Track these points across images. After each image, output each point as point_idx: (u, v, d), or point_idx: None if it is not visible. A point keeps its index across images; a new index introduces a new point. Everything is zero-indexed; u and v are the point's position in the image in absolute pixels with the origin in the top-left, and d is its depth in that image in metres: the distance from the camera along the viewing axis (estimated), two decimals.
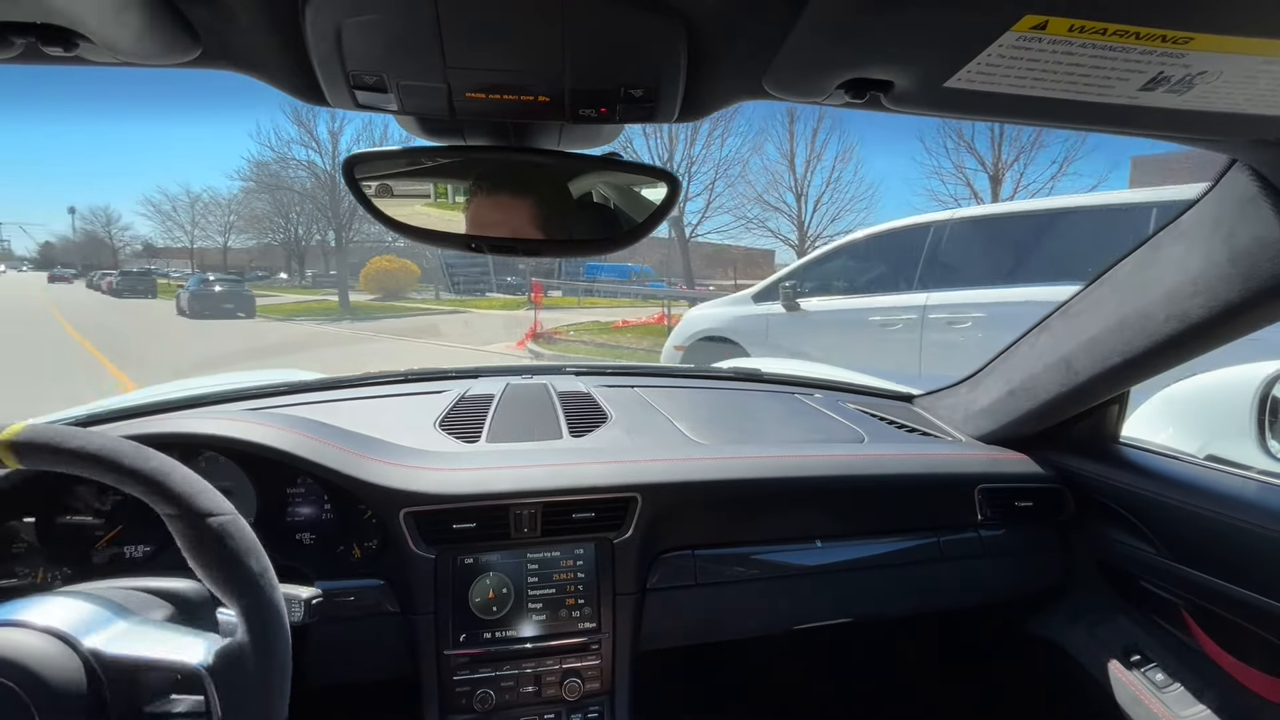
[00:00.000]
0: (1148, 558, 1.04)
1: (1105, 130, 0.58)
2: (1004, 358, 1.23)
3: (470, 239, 0.68)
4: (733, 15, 0.47)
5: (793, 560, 1.08)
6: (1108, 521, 1.11)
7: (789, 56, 0.49)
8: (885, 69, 0.49)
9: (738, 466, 1.05)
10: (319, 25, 0.45)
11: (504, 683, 0.94)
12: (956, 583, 1.16)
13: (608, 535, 0.98)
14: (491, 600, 0.93)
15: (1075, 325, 1.03)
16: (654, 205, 0.70)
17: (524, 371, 1.51)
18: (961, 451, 1.22)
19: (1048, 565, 1.20)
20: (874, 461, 1.12)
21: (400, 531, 0.91)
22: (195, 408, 1.17)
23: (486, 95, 0.54)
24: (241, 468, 0.94)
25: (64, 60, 0.46)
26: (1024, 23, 0.40)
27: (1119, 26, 0.40)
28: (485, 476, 0.96)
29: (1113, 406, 1.15)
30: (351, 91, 0.52)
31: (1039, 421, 1.17)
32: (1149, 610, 1.10)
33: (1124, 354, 0.95)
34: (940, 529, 1.13)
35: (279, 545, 0.93)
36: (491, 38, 0.48)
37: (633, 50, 0.50)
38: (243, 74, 0.53)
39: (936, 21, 0.42)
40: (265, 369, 1.70)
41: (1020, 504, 1.15)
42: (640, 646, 1.01)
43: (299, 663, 0.57)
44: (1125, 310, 0.93)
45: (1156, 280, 0.88)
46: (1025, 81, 0.47)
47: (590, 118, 0.56)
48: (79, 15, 0.40)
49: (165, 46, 0.47)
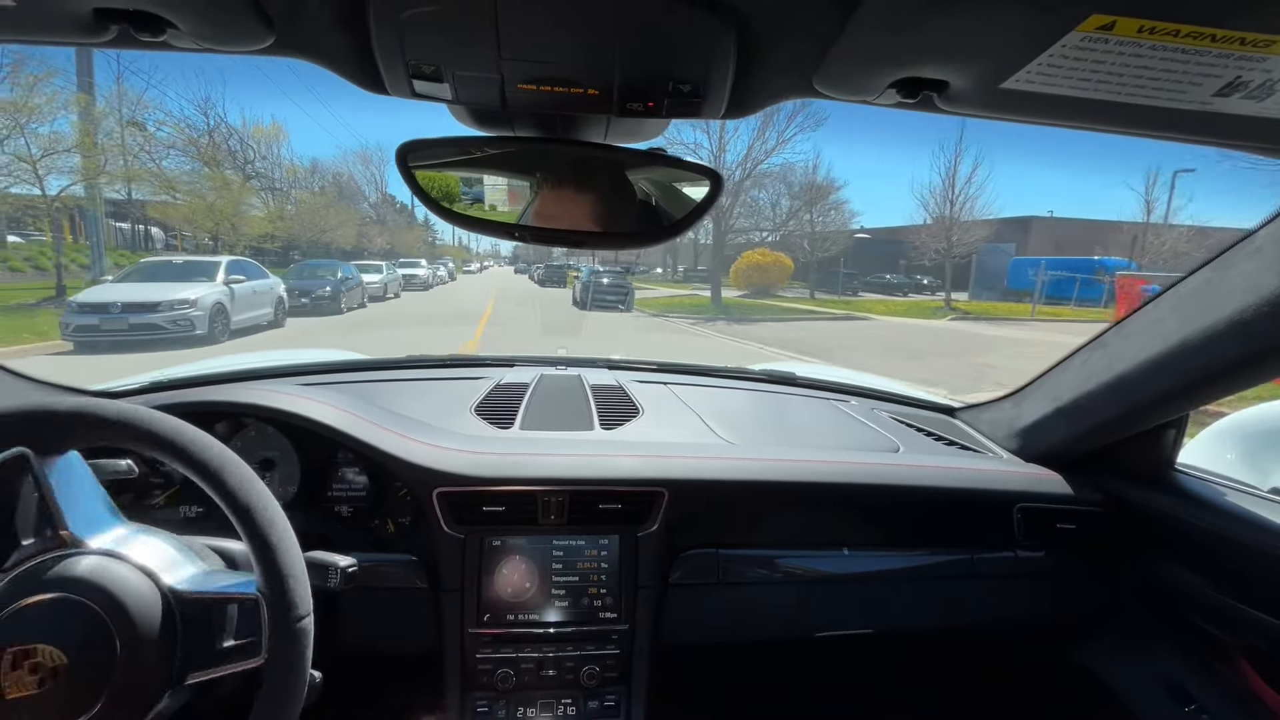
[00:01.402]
0: (1201, 592, 0.98)
1: (1174, 138, 0.56)
2: (1052, 374, 1.18)
3: (514, 228, 0.70)
4: (785, 11, 0.47)
5: (818, 566, 1.07)
6: (1159, 551, 1.06)
7: (841, 54, 0.49)
8: (940, 68, 0.48)
9: (765, 468, 1.04)
10: (382, 15, 0.48)
11: (524, 664, 0.96)
12: (989, 602, 1.12)
13: (633, 528, 0.99)
14: (516, 583, 0.96)
15: (1132, 343, 0.98)
16: (694, 202, 0.71)
17: (558, 363, 1.53)
18: (1001, 467, 1.18)
19: (1089, 592, 1.15)
20: (907, 472, 1.10)
21: (433, 510, 0.94)
22: (249, 380, 1.24)
23: (538, 87, 0.55)
24: (288, 438, 0.99)
25: (151, 46, 0.49)
26: (1090, 22, 0.39)
27: (1193, 28, 0.38)
28: (516, 462, 0.98)
29: (1169, 430, 1.09)
30: (410, 81, 0.55)
31: (1087, 442, 1.12)
32: (1199, 648, 1.04)
33: (1185, 376, 0.90)
34: (974, 545, 1.10)
35: (318, 516, 0.98)
36: (545, 30, 0.49)
37: (683, 45, 0.51)
38: (310, 62, 0.56)
39: (997, 20, 0.41)
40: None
41: (1062, 526, 1.10)
42: (660, 640, 1.01)
43: (331, 627, 0.60)
44: (1188, 329, 0.88)
45: (1226, 298, 0.83)
46: (1089, 84, 0.46)
47: (637, 111, 0.57)
48: (171, 2, 0.43)
49: (243, 34, 0.50)
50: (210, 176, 18.19)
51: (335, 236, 24.06)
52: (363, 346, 2.00)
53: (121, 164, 15.33)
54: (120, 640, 0.54)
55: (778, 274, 22.60)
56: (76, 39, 0.48)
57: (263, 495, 0.62)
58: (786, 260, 22.76)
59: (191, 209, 16.65)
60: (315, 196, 24.85)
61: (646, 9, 0.47)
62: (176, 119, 20.01)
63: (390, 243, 31.04)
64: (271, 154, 22.72)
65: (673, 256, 35.02)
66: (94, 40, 0.48)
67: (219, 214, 16.87)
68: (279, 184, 23.28)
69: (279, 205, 22.52)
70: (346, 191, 30.98)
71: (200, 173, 18.23)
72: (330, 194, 25.69)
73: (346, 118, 32.27)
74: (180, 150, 18.28)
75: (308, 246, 22.50)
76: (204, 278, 8.78)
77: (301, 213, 22.98)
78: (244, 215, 18.43)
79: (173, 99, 22.01)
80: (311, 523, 0.95)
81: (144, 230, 20.17)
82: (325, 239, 23.40)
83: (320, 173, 26.08)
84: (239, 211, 18.09)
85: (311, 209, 23.47)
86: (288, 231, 21.78)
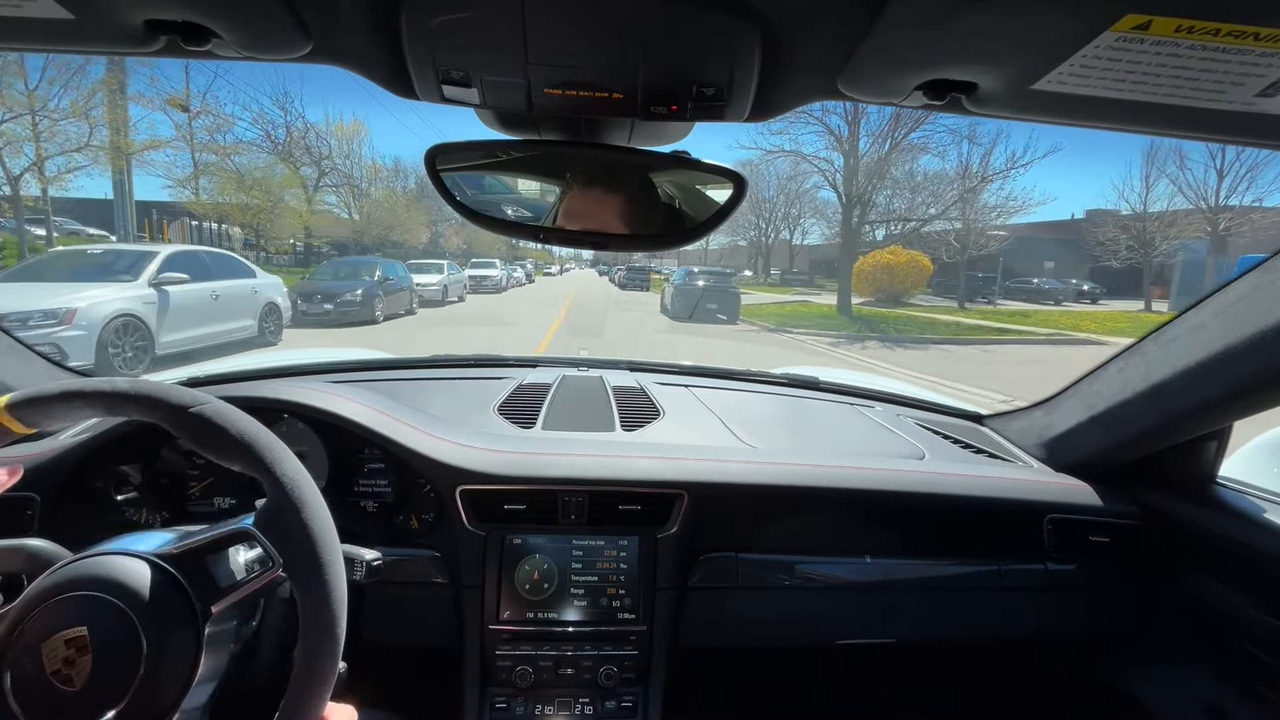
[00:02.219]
0: (1243, 611, 0.95)
1: (1215, 139, 0.54)
2: (1086, 382, 1.15)
3: (539, 229, 0.71)
4: (810, 14, 0.47)
5: (839, 573, 1.05)
6: (1198, 567, 1.02)
7: (867, 56, 0.49)
8: (969, 70, 0.47)
9: (786, 472, 1.03)
10: (414, 22, 0.49)
11: (542, 663, 0.96)
12: (1017, 614, 1.10)
13: (652, 529, 0.99)
14: (536, 581, 0.96)
15: (1172, 351, 0.95)
16: (717, 204, 0.71)
17: (580, 364, 1.54)
18: (1031, 477, 1.15)
19: (1122, 608, 1.11)
20: (933, 479, 1.07)
21: (455, 507, 0.96)
22: (281, 377, 1.28)
23: (563, 91, 0.56)
24: (317, 434, 1.01)
25: (197, 55, 0.52)
26: (1125, 22, 0.38)
27: (1235, 26, 0.37)
28: (538, 461, 0.99)
29: (1210, 442, 1.05)
30: (439, 86, 0.56)
31: (1122, 452, 1.09)
32: (1239, 669, 1.00)
33: (1229, 385, 0.86)
34: (1002, 556, 1.07)
35: (344, 510, 1.00)
36: (571, 35, 0.50)
37: (707, 49, 0.51)
38: (345, 69, 0.58)
39: (1029, 21, 0.40)
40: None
41: (1095, 538, 1.07)
42: (678, 643, 1.01)
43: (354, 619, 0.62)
44: (1232, 337, 0.85)
45: (1275, 305, 0.80)
46: (1124, 85, 0.45)
47: (661, 115, 0.57)
48: (216, 14, 0.45)
49: (282, 43, 0.52)
50: (287, 175, 18.36)
51: (406, 236, 23.89)
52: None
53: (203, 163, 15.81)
54: (138, 620, 0.54)
55: (912, 278, 18.10)
56: (127, 49, 0.51)
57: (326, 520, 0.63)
58: (924, 260, 18.06)
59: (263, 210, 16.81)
60: (393, 195, 24.54)
61: (672, 14, 0.47)
62: (255, 116, 20.66)
63: (467, 243, 30.45)
64: (354, 153, 22.66)
65: (763, 257, 32.52)
66: (143, 50, 0.51)
67: (291, 214, 16.96)
68: (359, 182, 23.29)
69: (358, 203, 22.57)
70: (428, 190, 30.87)
71: (273, 171, 18.35)
72: (411, 194, 25.10)
73: (431, 119, 32.25)
74: (261, 147, 18.60)
75: (376, 245, 22.46)
76: (124, 275, 6.04)
77: (377, 212, 22.90)
78: (321, 214, 18.50)
79: (250, 96, 22.51)
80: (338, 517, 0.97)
81: (217, 228, 20.00)
82: (394, 237, 23.25)
83: (403, 172, 25.65)
84: (313, 210, 18.18)
85: (390, 208, 23.16)
86: (359, 230, 21.89)
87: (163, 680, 0.54)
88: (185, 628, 0.56)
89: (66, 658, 0.53)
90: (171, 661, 0.54)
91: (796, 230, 30.77)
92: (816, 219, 26.33)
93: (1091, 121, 0.54)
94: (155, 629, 0.54)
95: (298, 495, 0.60)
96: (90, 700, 0.52)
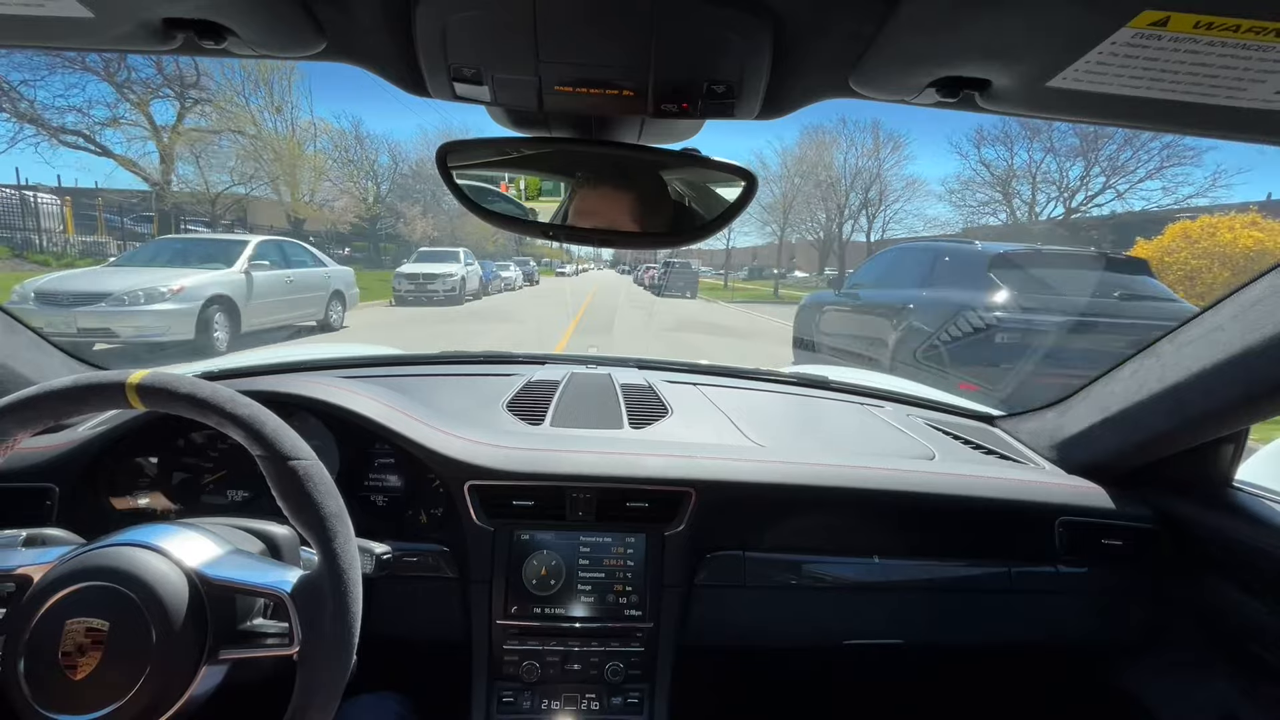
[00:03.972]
0: (1261, 618, 0.93)
1: (1235, 137, 0.53)
2: (1100, 383, 1.13)
3: (549, 227, 0.71)
4: (823, 11, 0.47)
5: (847, 573, 1.05)
6: (1214, 572, 1.00)
7: (879, 53, 0.48)
8: (983, 67, 0.47)
9: (794, 472, 1.03)
10: (427, 20, 0.49)
11: (549, 658, 0.97)
12: (1027, 617, 1.09)
13: (660, 527, 0.99)
14: (544, 577, 0.97)
15: (1188, 353, 0.94)
16: (727, 202, 0.71)
17: (588, 361, 1.55)
18: (1043, 479, 1.14)
19: (1135, 612, 1.10)
20: (943, 480, 1.07)
21: (464, 502, 0.97)
22: (294, 372, 1.29)
23: (574, 88, 0.56)
24: (329, 429, 1.02)
25: (212, 52, 0.52)
26: (1142, 18, 0.37)
27: (1256, 23, 0.36)
28: (546, 458, 0.99)
29: (1226, 445, 1.03)
30: (451, 83, 0.56)
31: (1136, 455, 1.07)
32: (1256, 677, 0.98)
33: (1246, 387, 0.85)
34: (1013, 558, 1.06)
35: (355, 504, 1.01)
36: (583, 32, 0.50)
37: (719, 46, 0.51)
38: (358, 66, 0.59)
39: (1043, 18, 0.40)
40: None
41: (1108, 542, 1.05)
42: (684, 641, 1.01)
43: (363, 612, 0.63)
44: (1250, 338, 0.84)
45: None
46: (1141, 82, 0.44)
47: (671, 112, 0.57)
48: (233, 12, 0.46)
49: (297, 40, 0.53)
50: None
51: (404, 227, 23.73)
52: None
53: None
54: (150, 617, 0.58)
55: None
56: (145, 47, 0.52)
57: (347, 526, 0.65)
58: None
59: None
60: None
61: (683, 11, 0.47)
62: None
63: (437, 230, 26.72)
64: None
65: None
66: (160, 48, 0.51)
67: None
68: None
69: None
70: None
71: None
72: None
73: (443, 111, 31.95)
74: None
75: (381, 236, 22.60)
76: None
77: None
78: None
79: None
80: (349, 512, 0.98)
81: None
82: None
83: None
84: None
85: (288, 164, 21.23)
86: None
87: (156, 692, 0.57)
88: (189, 657, 0.59)
89: (80, 645, 0.55)
90: (168, 676, 0.58)
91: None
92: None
93: (1110, 119, 0.53)
94: (164, 649, 0.57)
95: (343, 586, 0.61)
96: (88, 693, 0.55)
